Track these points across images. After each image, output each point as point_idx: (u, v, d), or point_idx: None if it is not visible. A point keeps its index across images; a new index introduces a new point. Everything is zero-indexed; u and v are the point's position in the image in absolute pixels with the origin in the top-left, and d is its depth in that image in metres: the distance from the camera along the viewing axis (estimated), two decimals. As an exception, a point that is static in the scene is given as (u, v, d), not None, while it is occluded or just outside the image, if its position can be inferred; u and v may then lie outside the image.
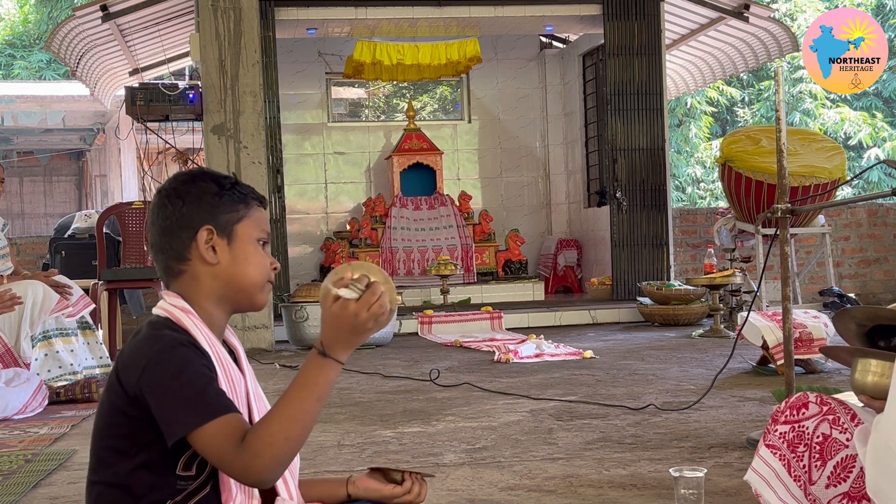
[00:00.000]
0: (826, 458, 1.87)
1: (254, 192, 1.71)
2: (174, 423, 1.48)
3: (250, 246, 1.65)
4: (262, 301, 1.68)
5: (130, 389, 1.52)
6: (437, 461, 3.00)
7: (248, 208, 1.67)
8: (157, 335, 1.55)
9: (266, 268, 1.67)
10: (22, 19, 19.95)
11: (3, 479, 2.95)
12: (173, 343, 1.52)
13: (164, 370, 1.49)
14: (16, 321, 4.55)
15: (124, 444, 1.54)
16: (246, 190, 1.69)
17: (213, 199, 1.64)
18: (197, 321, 1.59)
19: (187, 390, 1.48)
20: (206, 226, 1.62)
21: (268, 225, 1.72)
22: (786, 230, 3.05)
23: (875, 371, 1.89)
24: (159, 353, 1.51)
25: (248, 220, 1.66)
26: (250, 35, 6.62)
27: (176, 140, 8.67)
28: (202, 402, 1.48)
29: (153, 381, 1.49)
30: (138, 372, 1.51)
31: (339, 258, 8.90)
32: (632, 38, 8.45)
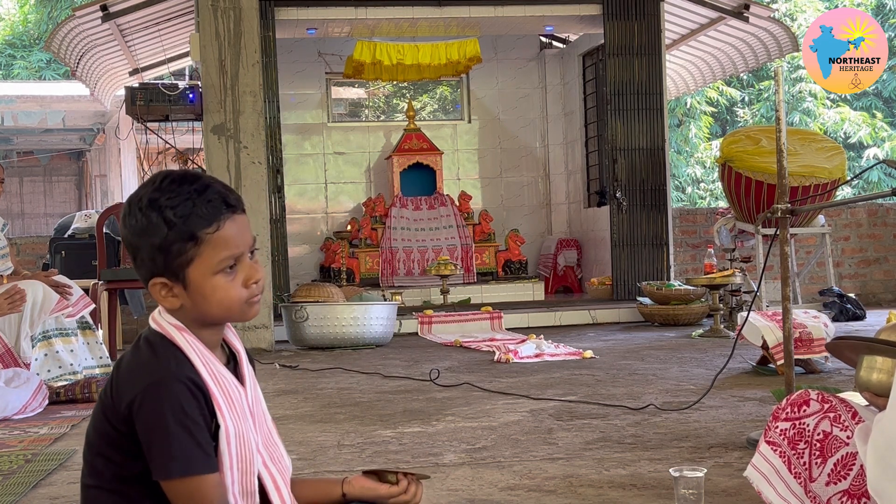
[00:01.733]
0: (826, 455, 1.86)
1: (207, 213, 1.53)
2: (155, 465, 1.50)
3: (207, 283, 1.55)
4: (248, 316, 1.62)
5: (121, 409, 1.52)
6: (437, 461, 3.00)
7: (197, 244, 1.53)
8: (154, 363, 1.53)
9: (233, 295, 1.57)
10: (22, 19, 19.96)
11: (3, 479, 2.94)
12: (171, 378, 1.51)
13: (156, 408, 1.49)
14: (16, 321, 4.55)
15: (116, 456, 1.55)
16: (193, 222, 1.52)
17: (158, 252, 1.54)
18: (191, 338, 1.58)
19: (172, 437, 1.48)
20: (156, 279, 1.56)
21: (235, 238, 1.56)
22: (786, 230, 3.05)
23: (881, 368, 1.89)
24: (155, 388, 1.50)
25: (199, 258, 1.54)
26: (250, 35, 6.62)
27: (176, 140, 8.67)
28: (184, 455, 1.49)
29: (144, 415, 1.50)
30: (130, 398, 1.51)
31: (339, 258, 8.91)
32: (632, 38, 8.45)
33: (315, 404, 4.24)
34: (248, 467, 1.59)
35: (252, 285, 1.59)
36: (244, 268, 1.58)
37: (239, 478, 1.57)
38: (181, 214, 1.52)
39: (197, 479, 1.49)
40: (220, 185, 1.59)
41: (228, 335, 1.70)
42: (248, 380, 1.68)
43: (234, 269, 1.57)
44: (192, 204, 1.53)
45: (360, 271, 9.17)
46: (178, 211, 1.52)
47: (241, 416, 1.59)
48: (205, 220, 1.53)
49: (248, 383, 1.67)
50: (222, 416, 1.54)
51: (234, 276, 1.57)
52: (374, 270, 9.21)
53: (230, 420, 1.56)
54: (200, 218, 1.53)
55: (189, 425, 1.50)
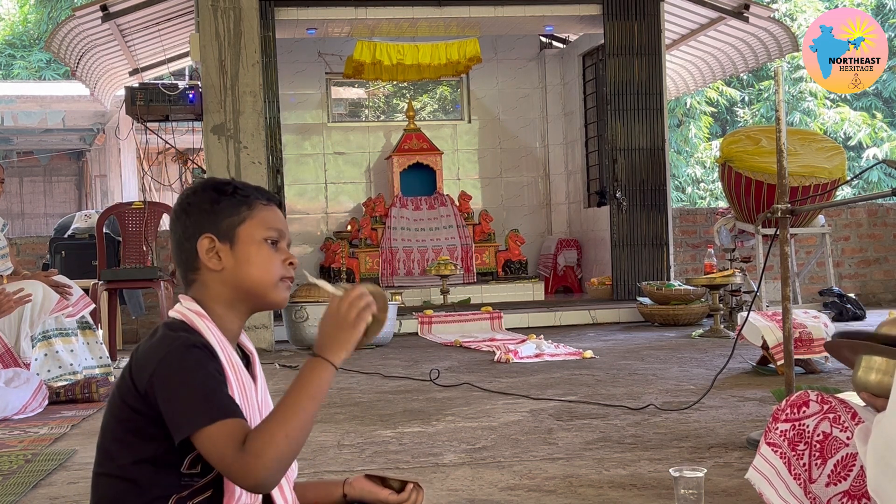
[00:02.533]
0: (826, 456, 1.86)
1: (260, 192, 1.71)
2: (181, 421, 1.49)
3: (253, 247, 1.65)
4: (279, 298, 1.68)
5: (142, 386, 1.54)
6: (437, 461, 3.00)
7: (251, 209, 1.66)
8: (171, 336, 1.57)
9: (274, 266, 1.66)
10: (22, 19, 19.95)
11: (3, 479, 2.94)
12: (187, 344, 1.54)
13: (175, 369, 1.51)
14: (15, 321, 4.55)
15: (131, 438, 1.56)
16: (249, 191, 1.69)
17: (213, 207, 1.66)
18: (210, 325, 1.61)
19: (196, 391, 1.50)
20: (206, 234, 1.65)
21: (280, 222, 1.70)
22: (786, 230, 3.05)
23: (878, 368, 1.88)
24: (172, 353, 1.53)
25: (251, 221, 1.66)
26: (250, 35, 6.62)
27: (176, 140, 8.67)
28: (209, 404, 1.49)
29: (164, 378, 1.51)
30: (150, 369, 1.53)
31: (339, 258, 8.91)
32: (632, 38, 8.45)
33: (315, 404, 4.23)
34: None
35: (289, 266, 1.68)
36: (284, 250, 1.69)
37: None
38: (237, 186, 1.70)
39: (221, 423, 1.48)
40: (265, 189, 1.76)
41: (244, 339, 1.72)
42: (259, 380, 1.70)
43: (276, 246, 1.68)
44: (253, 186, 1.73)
45: (360, 271, 9.17)
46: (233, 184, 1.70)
47: (250, 405, 1.61)
48: (260, 195, 1.70)
49: (259, 384, 1.69)
50: (232, 393, 1.56)
51: (277, 251, 1.68)
52: (374, 270, 9.21)
53: (239, 402, 1.57)
54: (257, 193, 1.70)
55: (210, 377, 1.52)
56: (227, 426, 1.48)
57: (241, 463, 1.47)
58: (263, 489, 1.52)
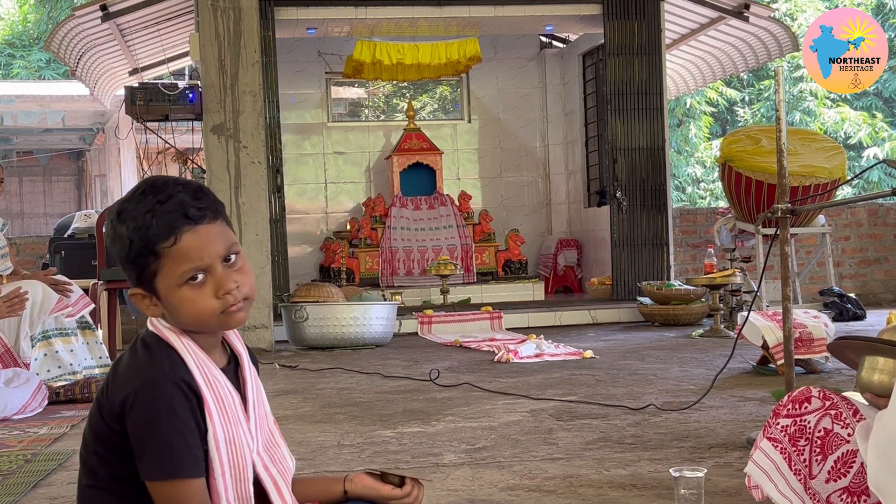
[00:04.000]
0: (827, 452, 1.86)
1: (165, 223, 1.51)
2: (142, 465, 1.50)
3: (174, 296, 1.54)
4: (230, 325, 1.59)
5: (115, 408, 1.52)
6: (437, 461, 3.00)
7: (158, 257, 1.52)
8: (148, 363, 1.54)
9: (203, 306, 1.54)
10: (21, 19, 19.96)
11: (3, 479, 2.94)
12: (164, 379, 1.51)
13: (148, 408, 1.49)
14: (15, 321, 4.55)
15: (110, 455, 1.55)
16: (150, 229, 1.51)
17: (125, 264, 1.56)
18: (186, 340, 1.58)
19: (162, 438, 1.49)
20: (134, 290, 1.58)
21: (196, 249, 1.52)
22: (786, 230, 3.05)
23: (882, 369, 1.89)
24: (148, 388, 1.50)
25: (162, 270, 1.53)
26: (250, 35, 6.62)
27: (175, 140, 8.67)
28: (172, 458, 1.48)
29: (136, 414, 1.50)
30: (123, 396, 1.51)
31: (339, 258, 8.90)
32: (632, 37, 8.44)
33: (315, 404, 4.24)
34: (241, 473, 1.58)
35: (224, 296, 1.55)
36: (214, 279, 1.54)
37: (233, 484, 1.56)
38: (139, 227, 1.51)
39: (183, 482, 1.49)
40: (188, 195, 1.54)
41: (230, 336, 1.69)
42: (249, 382, 1.67)
43: (201, 280, 1.54)
44: (151, 216, 1.51)
45: (359, 271, 9.16)
46: (138, 223, 1.52)
47: (232, 421, 1.58)
48: (161, 235, 1.51)
49: (249, 385, 1.66)
50: (212, 421, 1.54)
51: (203, 287, 1.54)
52: (374, 270, 9.21)
53: (220, 425, 1.55)
54: (157, 232, 1.51)
55: (180, 427, 1.50)
56: (185, 488, 1.49)
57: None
58: None
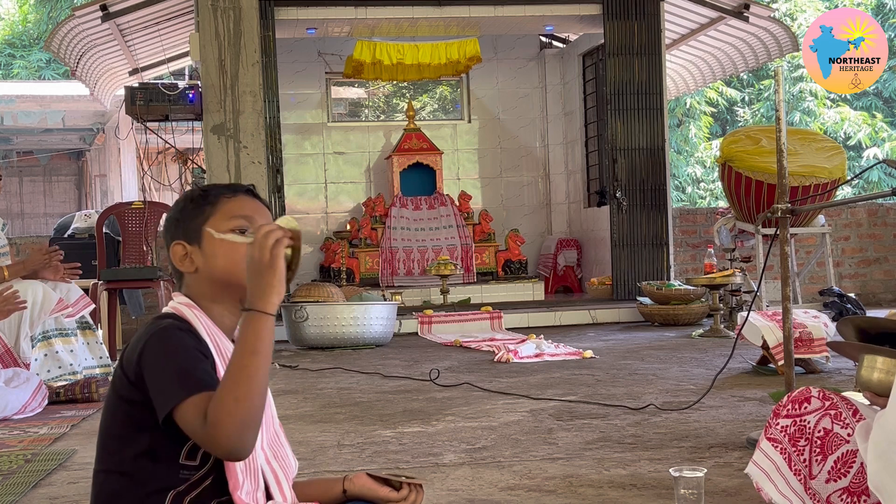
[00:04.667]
0: (827, 452, 1.87)
1: (226, 187, 1.72)
2: (160, 399, 1.52)
3: (217, 240, 1.66)
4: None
5: (132, 374, 1.56)
6: (437, 461, 3.00)
7: (213, 206, 1.69)
8: (157, 323, 1.61)
9: (239, 253, 1.64)
10: (21, 19, 19.95)
11: (3, 479, 2.94)
12: (171, 326, 1.58)
13: (158, 349, 1.55)
14: (15, 321, 4.55)
15: (127, 430, 1.58)
16: (215, 190, 1.72)
17: (180, 214, 1.71)
18: (199, 314, 1.64)
19: (173, 368, 1.52)
20: (175, 241, 1.70)
21: (246, 209, 1.69)
22: (786, 230, 3.05)
23: (881, 368, 1.89)
24: (156, 335, 1.57)
25: (213, 217, 1.68)
26: (250, 35, 6.62)
27: (176, 140, 8.66)
28: (184, 379, 1.51)
29: (148, 359, 1.54)
30: (137, 354, 1.56)
31: (339, 258, 8.90)
32: (632, 37, 8.44)
33: (315, 404, 4.24)
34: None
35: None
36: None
37: None
38: (206, 187, 1.75)
39: (194, 397, 1.50)
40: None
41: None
42: None
43: (245, 234, 1.66)
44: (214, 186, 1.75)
45: (359, 271, 9.16)
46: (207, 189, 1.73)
47: None
48: (224, 191, 1.71)
49: None
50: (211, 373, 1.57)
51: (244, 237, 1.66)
52: (374, 270, 9.21)
53: None
54: (221, 188, 1.72)
55: (194, 355, 1.55)
56: (198, 399, 1.50)
57: (206, 435, 1.48)
58: (237, 455, 1.51)
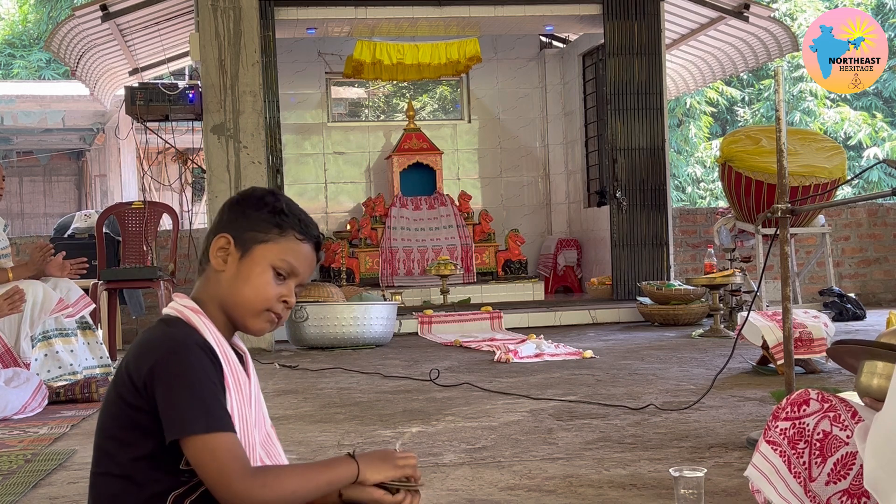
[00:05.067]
0: (826, 455, 1.86)
1: (302, 226, 1.69)
2: (176, 423, 1.50)
3: (259, 268, 1.65)
4: (255, 327, 1.68)
5: (139, 380, 1.54)
6: (437, 461, 3.00)
7: (280, 236, 1.67)
8: (172, 332, 1.59)
9: (266, 294, 1.65)
10: (21, 19, 19.95)
11: (3, 479, 2.94)
12: (189, 343, 1.56)
13: (176, 367, 1.53)
14: (15, 321, 4.55)
15: (127, 434, 1.56)
16: (291, 219, 1.68)
17: (249, 213, 1.68)
18: (206, 320, 1.63)
19: (196, 395, 1.51)
20: (225, 233, 1.67)
21: (300, 261, 1.68)
22: (786, 230, 3.05)
23: (881, 373, 1.89)
24: (174, 350, 1.54)
25: (273, 245, 1.66)
26: (250, 35, 6.62)
27: (176, 140, 8.67)
28: (207, 411, 1.51)
29: (164, 375, 1.52)
30: (150, 363, 1.53)
31: (339, 258, 8.90)
32: (632, 37, 8.44)
33: (315, 404, 4.24)
34: (249, 452, 1.62)
35: (282, 302, 1.68)
36: (288, 287, 1.68)
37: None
38: (294, 210, 1.70)
39: (221, 436, 1.51)
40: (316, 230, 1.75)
41: (236, 339, 1.74)
42: (253, 378, 1.71)
43: (283, 279, 1.67)
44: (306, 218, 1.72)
45: (359, 271, 9.17)
46: (294, 209, 1.71)
47: (245, 399, 1.63)
48: (298, 228, 1.69)
49: (253, 382, 1.71)
50: (228, 392, 1.58)
51: (278, 284, 1.67)
52: (374, 270, 9.21)
53: (234, 398, 1.59)
54: (297, 223, 1.69)
55: (211, 386, 1.54)
56: (227, 440, 1.51)
57: (245, 485, 1.50)
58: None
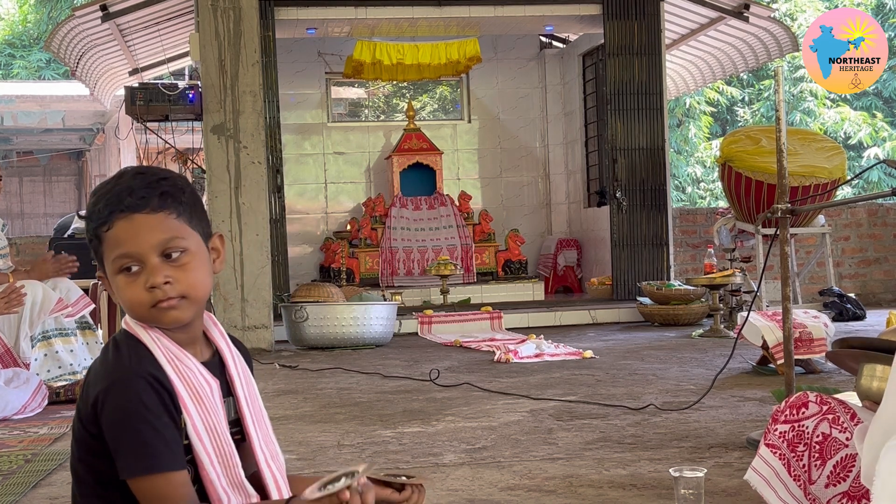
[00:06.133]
0: (826, 457, 1.86)
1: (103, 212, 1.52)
2: (120, 464, 1.48)
3: (113, 282, 1.55)
4: (165, 321, 1.55)
5: (89, 409, 1.52)
6: (437, 461, 3.00)
7: (101, 242, 1.54)
8: (117, 359, 1.53)
9: (134, 296, 1.53)
10: (21, 19, 19.96)
11: (3, 479, 2.94)
12: (131, 375, 1.50)
13: (117, 405, 1.48)
14: (15, 321, 4.55)
15: (93, 460, 1.54)
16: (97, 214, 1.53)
17: (90, 243, 1.57)
18: (155, 334, 1.56)
19: (135, 435, 1.47)
20: (99, 274, 1.59)
21: (125, 241, 1.51)
22: (786, 230, 3.05)
23: (880, 376, 1.89)
24: (115, 385, 1.49)
25: (105, 255, 1.54)
26: (250, 35, 6.62)
27: (175, 140, 8.67)
28: (145, 453, 1.47)
29: (107, 413, 1.49)
30: (94, 397, 1.50)
31: (339, 258, 8.90)
32: (632, 37, 8.44)
33: (315, 404, 4.24)
34: (229, 460, 1.57)
35: (152, 290, 1.52)
36: (146, 270, 1.53)
37: (223, 471, 1.56)
38: (89, 211, 1.55)
39: (162, 476, 1.47)
40: (140, 182, 1.54)
41: (212, 331, 1.67)
42: (237, 377, 1.65)
43: (136, 271, 1.53)
44: (96, 202, 1.54)
45: (359, 271, 9.17)
46: (90, 207, 1.55)
47: (211, 409, 1.56)
48: (101, 219, 1.53)
49: (237, 380, 1.65)
50: (188, 413, 1.53)
51: (137, 278, 1.53)
52: (374, 270, 9.21)
53: (198, 416, 1.54)
54: (98, 216, 1.53)
55: (152, 420, 1.48)
56: (161, 480, 1.47)
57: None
58: None
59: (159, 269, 1.52)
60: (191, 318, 1.57)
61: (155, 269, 1.52)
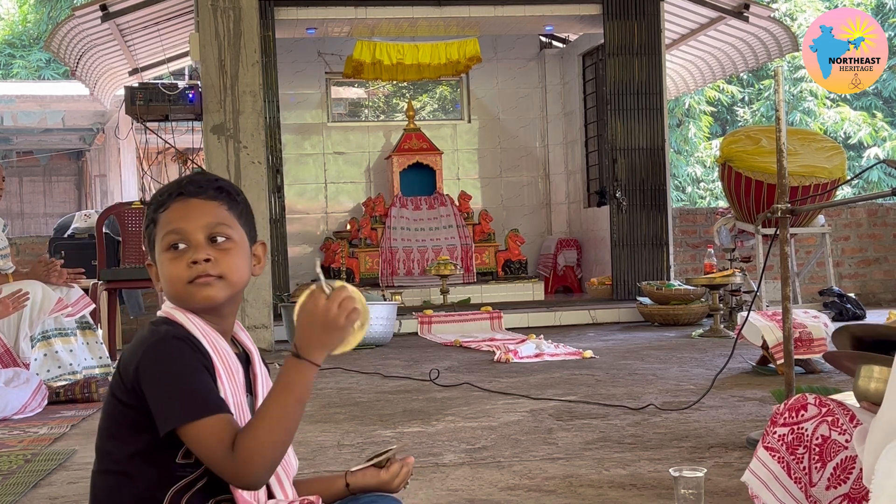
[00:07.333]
0: (826, 459, 1.86)
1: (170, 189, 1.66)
2: (165, 415, 1.51)
3: (160, 259, 1.64)
4: (197, 299, 1.62)
5: (128, 381, 1.55)
6: (437, 461, 3.00)
7: (155, 224, 1.65)
8: (154, 330, 1.59)
9: (177, 271, 1.61)
10: (21, 19, 19.95)
11: (3, 479, 2.94)
12: (168, 335, 1.56)
13: (157, 361, 1.53)
14: (15, 321, 4.55)
15: (124, 432, 1.57)
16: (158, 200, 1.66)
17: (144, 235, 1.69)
18: (192, 317, 1.62)
19: (179, 384, 1.51)
20: (149, 261, 1.69)
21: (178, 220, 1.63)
22: (786, 230, 3.05)
23: (878, 377, 1.89)
24: (154, 345, 1.55)
25: (157, 235, 1.64)
26: (250, 35, 6.62)
27: (175, 140, 8.66)
28: (192, 398, 1.51)
29: (147, 371, 1.53)
30: (134, 363, 1.54)
31: (339, 258, 8.90)
32: (632, 37, 8.44)
33: (315, 404, 4.24)
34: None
35: (193, 265, 1.61)
36: (192, 249, 1.62)
37: None
38: (151, 200, 1.69)
39: (205, 421, 1.50)
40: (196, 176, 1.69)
41: (240, 334, 1.73)
42: (260, 378, 1.71)
43: (182, 249, 1.62)
44: (160, 193, 1.68)
45: (359, 271, 9.16)
46: (152, 198, 1.69)
47: (239, 388, 1.62)
48: (160, 203, 1.65)
49: (260, 381, 1.70)
50: (221, 382, 1.57)
51: (182, 255, 1.62)
52: (374, 270, 9.21)
53: (228, 388, 1.58)
54: (157, 201, 1.66)
55: (193, 372, 1.53)
56: (211, 423, 1.50)
57: (231, 467, 1.49)
58: (255, 488, 1.55)
59: (203, 247, 1.62)
60: (223, 300, 1.64)
61: (199, 246, 1.62)
